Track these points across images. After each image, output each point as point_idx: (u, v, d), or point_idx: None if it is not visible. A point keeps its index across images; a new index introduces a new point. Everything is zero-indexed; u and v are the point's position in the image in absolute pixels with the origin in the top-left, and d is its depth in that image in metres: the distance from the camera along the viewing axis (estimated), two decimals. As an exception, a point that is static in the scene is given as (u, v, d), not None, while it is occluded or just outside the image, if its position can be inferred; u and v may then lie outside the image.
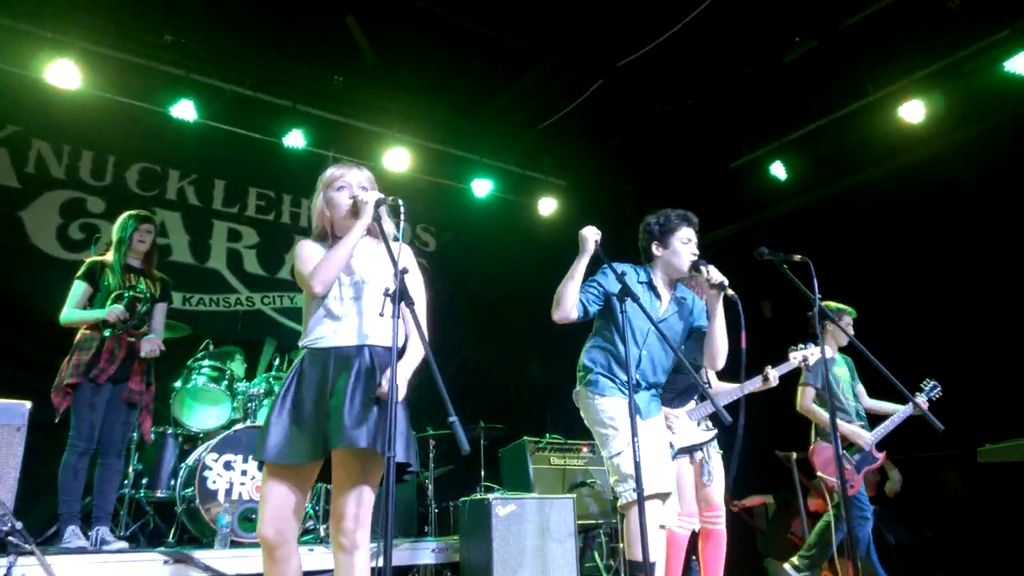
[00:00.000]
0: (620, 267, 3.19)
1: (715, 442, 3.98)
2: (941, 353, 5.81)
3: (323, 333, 2.43)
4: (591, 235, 3.05)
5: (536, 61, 6.50)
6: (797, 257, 3.35)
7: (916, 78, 5.99)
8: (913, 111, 5.97)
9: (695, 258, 3.16)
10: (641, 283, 3.24)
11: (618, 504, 3.02)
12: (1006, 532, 5.23)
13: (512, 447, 5.56)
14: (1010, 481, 5.14)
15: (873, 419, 4.85)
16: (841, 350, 4.87)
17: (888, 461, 6.15)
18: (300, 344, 2.50)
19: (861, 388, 4.87)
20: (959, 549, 5.61)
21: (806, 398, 4.73)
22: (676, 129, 7.30)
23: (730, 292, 3.02)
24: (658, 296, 3.30)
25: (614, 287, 3.10)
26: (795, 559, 4.62)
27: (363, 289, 2.47)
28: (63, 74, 5.41)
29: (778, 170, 7.10)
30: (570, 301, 3.07)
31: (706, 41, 6.08)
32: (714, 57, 6.36)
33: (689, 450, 3.88)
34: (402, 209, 2.45)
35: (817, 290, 3.25)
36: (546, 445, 5.46)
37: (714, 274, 3.05)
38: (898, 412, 4.70)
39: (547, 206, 7.78)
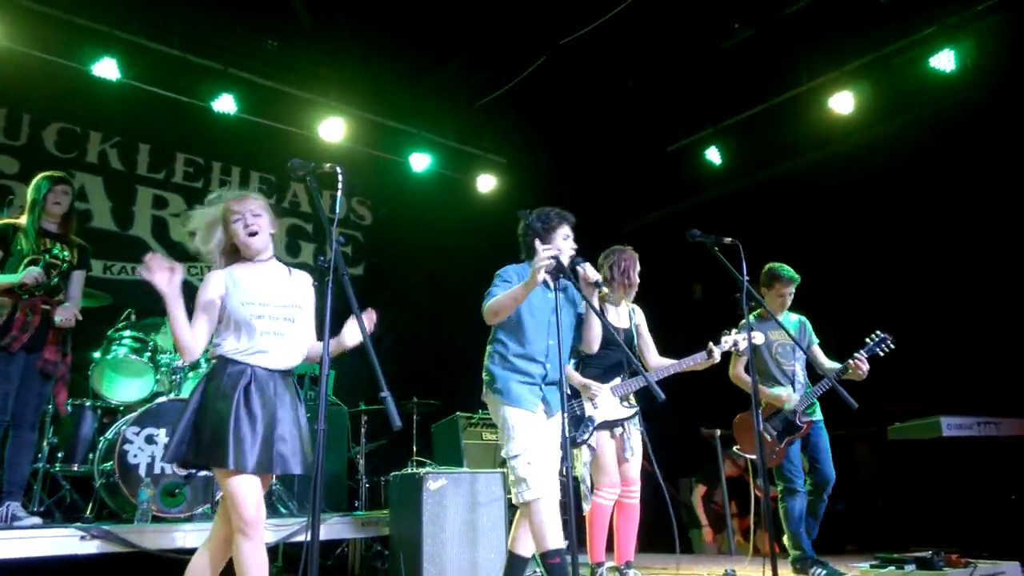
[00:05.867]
0: (514, 268, 3.30)
1: (636, 419, 4.09)
2: (857, 334, 6.10)
3: (264, 352, 2.60)
4: (546, 266, 2.96)
5: (479, 35, 6.43)
6: (727, 240, 3.45)
7: (847, 69, 6.20)
8: (843, 102, 6.18)
9: (573, 254, 3.24)
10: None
11: (514, 501, 3.14)
12: (910, 505, 5.56)
13: (444, 422, 5.57)
14: (916, 457, 5.46)
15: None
16: (792, 310, 4.70)
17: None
18: (232, 355, 2.57)
19: (816, 350, 4.60)
20: (869, 521, 5.95)
21: (737, 366, 4.67)
22: (616, 110, 7.36)
23: (604, 291, 3.14)
24: (549, 288, 3.25)
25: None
26: (791, 561, 4.41)
27: (294, 314, 2.68)
28: (-29, 23, 5.06)
29: (713, 155, 7.25)
30: (506, 314, 3.19)
31: (648, 24, 6.13)
32: (655, 40, 6.42)
33: (609, 425, 3.98)
34: (340, 177, 2.41)
35: (745, 272, 3.36)
36: (478, 421, 5.49)
37: (590, 273, 3.16)
38: (822, 381, 4.41)
39: (486, 183, 7.75)
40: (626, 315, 4.23)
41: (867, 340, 4.27)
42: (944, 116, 5.86)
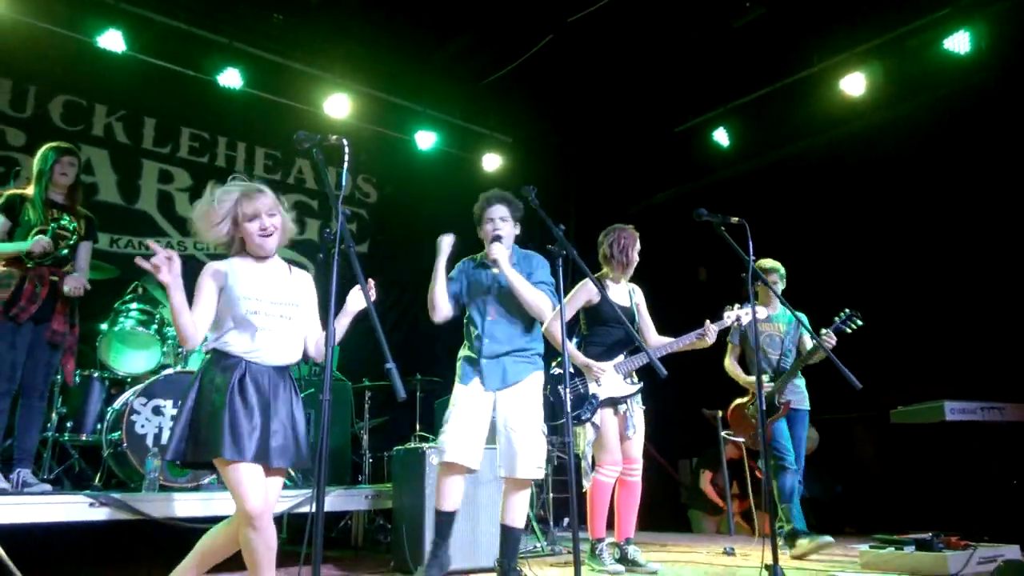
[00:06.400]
0: (459, 265, 3.70)
1: (638, 396, 4.12)
2: (862, 315, 6.10)
3: (258, 348, 2.57)
4: (447, 242, 3.58)
5: (486, 12, 6.37)
6: (734, 219, 3.45)
7: (859, 51, 6.13)
8: (854, 84, 6.12)
9: (494, 233, 3.54)
10: (477, 266, 3.67)
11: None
12: (911, 488, 5.58)
13: (447, 399, 5.59)
14: (916, 441, 5.47)
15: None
16: (799, 304, 4.62)
17: (807, 421, 6.46)
18: (226, 350, 2.54)
19: (807, 341, 4.71)
20: (867, 504, 5.97)
21: (729, 357, 4.85)
22: (623, 90, 7.30)
23: (495, 270, 3.50)
24: (486, 268, 3.63)
25: (459, 283, 3.65)
26: (784, 535, 4.50)
27: (291, 312, 2.66)
28: (-24, -6, 5.05)
29: (721, 136, 7.20)
30: (440, 301, 3.57)
31: (657, 1, 6.06)
32: (664, 18, 6.35)
33: (613, 402, 4.01)
34: (346, 150, 2.41)
35: (752, 252, 3.36)
36: (482, 398, 5.50)
37: (491, 252, 3.48)
38: (802, 356, 4.64)
39: (492, 162, 7.72)
40: (626, 293, 4.25)
41: (835, 318, 4.40)
42: (957, 99, 5.79)
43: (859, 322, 4.33)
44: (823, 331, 4.35)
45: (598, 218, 7.88)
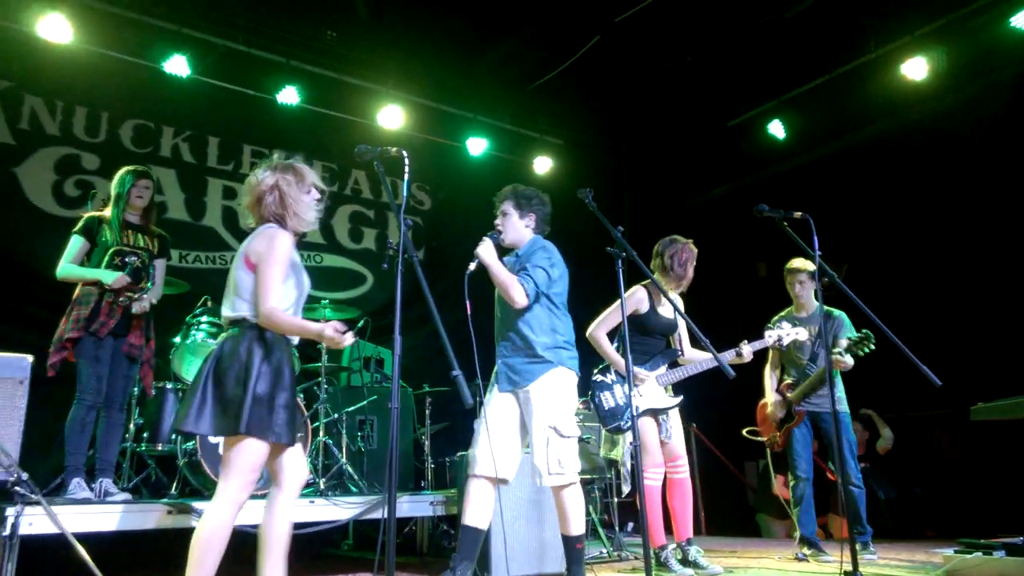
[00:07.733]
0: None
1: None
2: (936, 311, 5.87)
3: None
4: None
5: (532, 15, 6.39)
6: (797, 214, 3.36)
7: (919, 35, 5.93)
8: (916, 68, 5.92)
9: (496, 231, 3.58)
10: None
11: None
12: (995, 488, 5.33)
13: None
14: (999, 439, 5.22)
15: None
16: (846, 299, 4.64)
17: (880, 419, 6.25)
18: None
19: (842, 342, 4.55)
20: (949, 506, 5.73)
21: (768, 363, 4.82)
22: (674, 87, 7.22)
23: (472, 266, 3.54)
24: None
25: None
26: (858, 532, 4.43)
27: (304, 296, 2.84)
28: (55, 28, 5.36)
29: (776, 128, 7.05)
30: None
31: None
32: (714, 12, 6.26)
33: (654, 412, 4.00)
34: (406, 161, 2.46)
35: (817, 247, 3.27)
36: (543, 402, 5.48)
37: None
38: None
39: (543, 165, 7.74)
40: (669, 305, 4.18)
41: (848, 337, 4.32)
42: (1027, 78, 5.54)
43: (872, 346, 4.12)
44: (835, 351, 4.23)
45: (652, 217, 7.81)
